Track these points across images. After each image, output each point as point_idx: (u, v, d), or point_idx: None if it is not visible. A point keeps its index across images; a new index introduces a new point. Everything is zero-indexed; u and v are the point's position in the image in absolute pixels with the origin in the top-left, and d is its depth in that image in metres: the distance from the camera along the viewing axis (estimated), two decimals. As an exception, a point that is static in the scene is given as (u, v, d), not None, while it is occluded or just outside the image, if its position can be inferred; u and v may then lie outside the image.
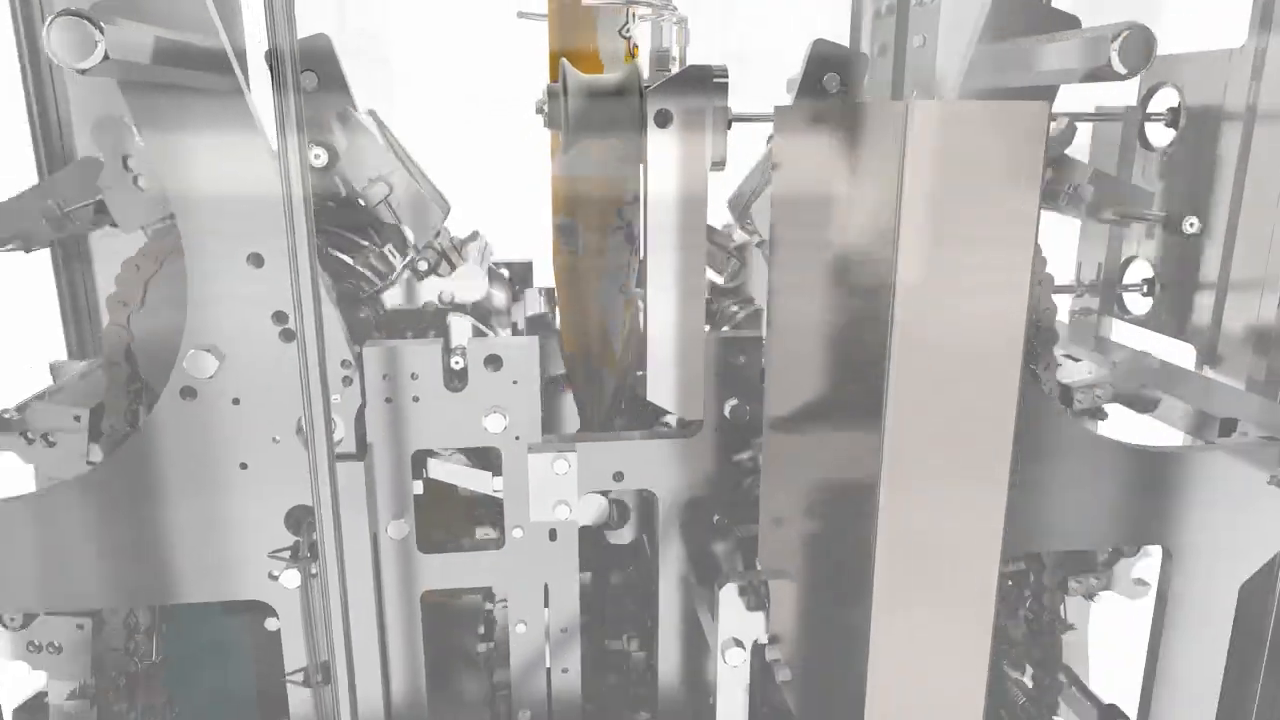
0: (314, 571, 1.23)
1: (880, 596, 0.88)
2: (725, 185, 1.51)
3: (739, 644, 1.20)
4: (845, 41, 2.08)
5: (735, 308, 1.63)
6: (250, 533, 1.23)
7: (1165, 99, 1.87)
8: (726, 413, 1.29)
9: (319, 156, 1.29)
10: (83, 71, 0.88)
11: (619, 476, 1.28)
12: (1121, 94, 1.96)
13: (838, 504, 1.00)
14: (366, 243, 1.36)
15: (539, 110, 1.28)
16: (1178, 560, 1.41)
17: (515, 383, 1.24)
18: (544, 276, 1.70)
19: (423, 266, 1.40)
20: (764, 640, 1.21)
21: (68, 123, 1.73)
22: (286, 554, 1.23)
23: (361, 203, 1.33)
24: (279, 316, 1.17)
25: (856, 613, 0.92)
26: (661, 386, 1.25)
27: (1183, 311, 1.88)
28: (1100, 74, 1.03)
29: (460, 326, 1.30)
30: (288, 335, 1.17)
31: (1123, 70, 0.96)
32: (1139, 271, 2.01)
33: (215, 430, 1.20)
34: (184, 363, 1.15)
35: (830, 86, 1.41)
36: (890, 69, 2.05)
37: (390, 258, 1.35)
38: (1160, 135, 1.91)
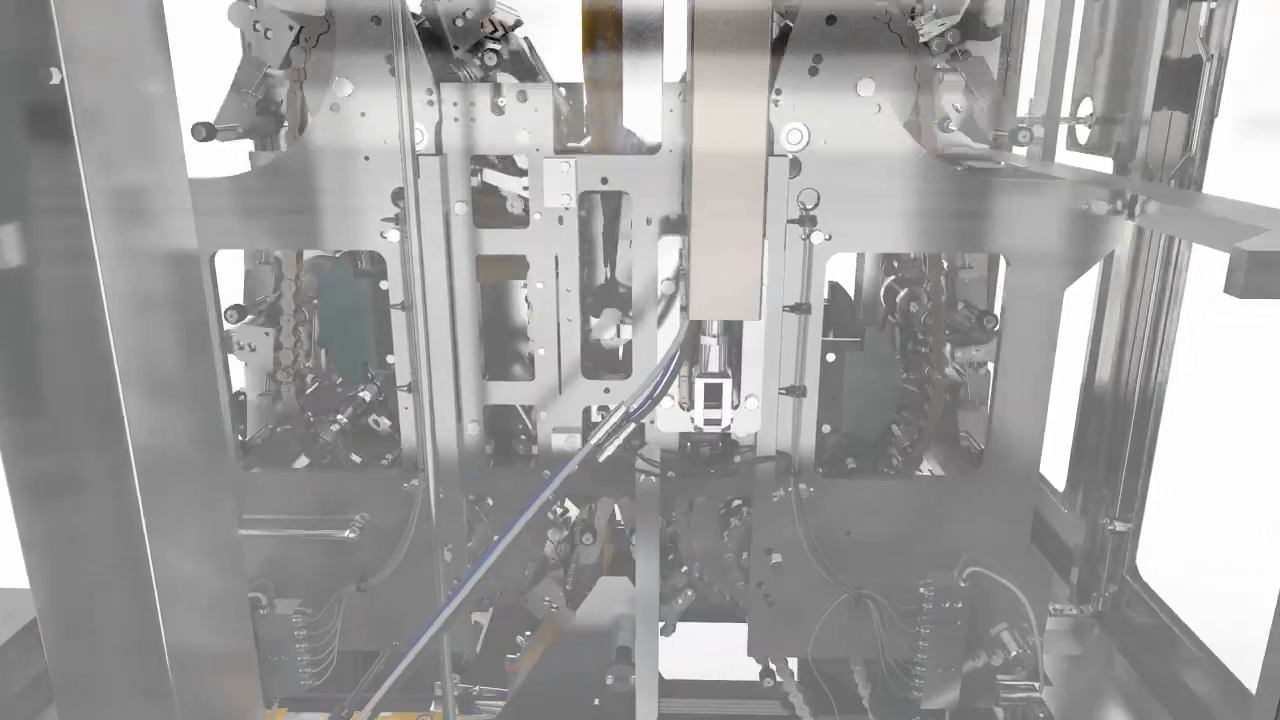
0: (406, 234, 1.93)
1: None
2: None
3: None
4: None
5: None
6: (371, 205, 1.94)
7: None
8: (671, 146, 1.89)
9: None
10: None
11: (605, 180, 1.92)
12: None
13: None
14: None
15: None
16: (1013, 266, 1.92)
17: (536, 110, 1.88)
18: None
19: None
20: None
21: None
22: (393, 219, 1.94)
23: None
24: (388, 59, 1.85)
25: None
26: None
27: (1108, 134, 2.37)
28: None
29: (506, 79, 1.95)
30: (393, 73, 1.85)
31: None
32: (1085, 108, 2.49)
33: (350, 133, 1.90)
34: (331, 86, 1.86)
35: None
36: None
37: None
38: None
